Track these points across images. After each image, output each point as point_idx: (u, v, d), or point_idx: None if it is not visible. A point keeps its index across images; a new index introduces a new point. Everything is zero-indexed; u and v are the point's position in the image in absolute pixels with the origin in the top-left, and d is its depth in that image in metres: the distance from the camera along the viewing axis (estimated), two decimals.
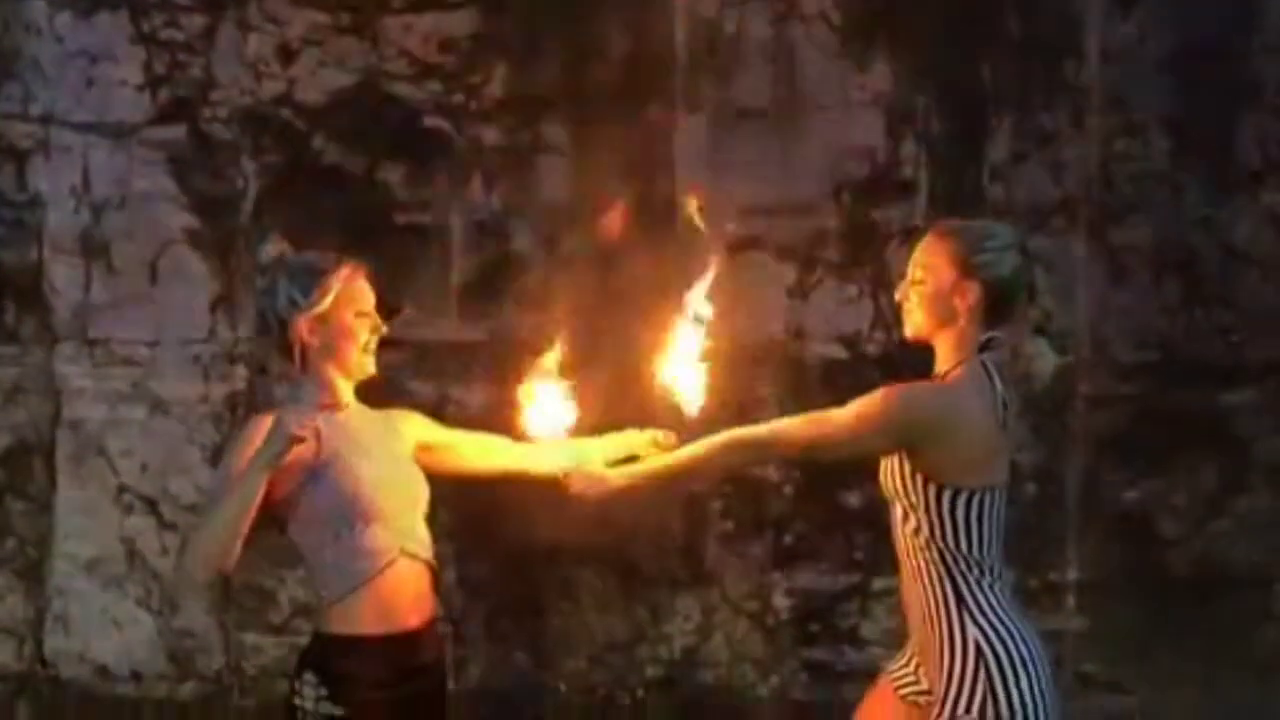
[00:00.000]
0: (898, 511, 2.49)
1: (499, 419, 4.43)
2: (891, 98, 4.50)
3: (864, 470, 4.41)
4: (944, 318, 2.48)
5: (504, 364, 4.58)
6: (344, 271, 2.51)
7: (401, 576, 2.45)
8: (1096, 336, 4.49)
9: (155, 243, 4.57)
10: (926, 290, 2.49)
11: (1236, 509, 4.46)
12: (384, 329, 2.61)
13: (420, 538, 2.53)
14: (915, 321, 2.54)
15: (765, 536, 4.49)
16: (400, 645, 2.43)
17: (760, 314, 4.55)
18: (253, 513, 2.32)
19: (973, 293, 2.44)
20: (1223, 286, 4.45)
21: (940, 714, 2.35)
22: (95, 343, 4.60)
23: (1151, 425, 4.45)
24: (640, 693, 4.47)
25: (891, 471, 2.48)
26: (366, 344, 2.55)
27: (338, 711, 2.36)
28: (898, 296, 2.59)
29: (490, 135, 4.58)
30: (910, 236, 4.48)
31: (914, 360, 4.42)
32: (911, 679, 2.55)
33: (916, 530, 2.42)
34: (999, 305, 2.47)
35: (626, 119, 4.53)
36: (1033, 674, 2.33)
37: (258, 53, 4.56)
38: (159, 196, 4.56)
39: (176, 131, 4.56)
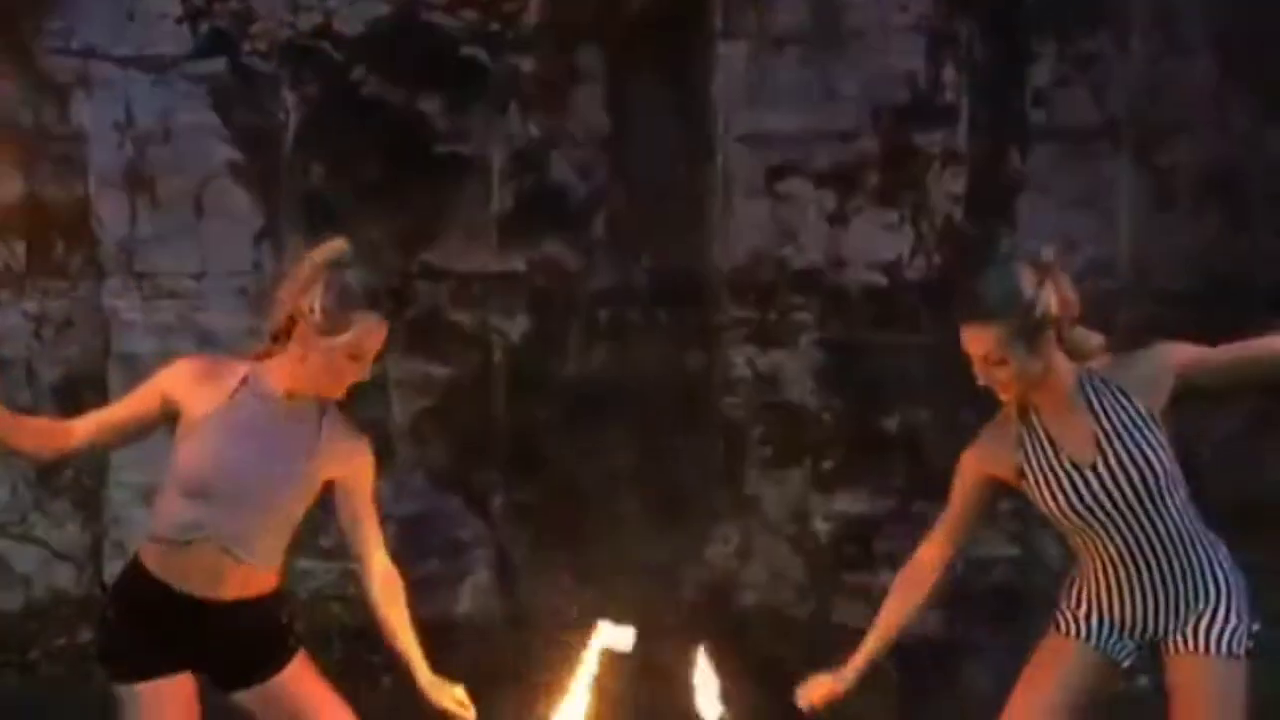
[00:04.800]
0: (1161, 486, 2.48)
1: (542, 350, 4.61)
2: (932, 22, 4.46)
3: (901, 396, 4.55)
4: (1044, 370, 2.49)
5: (544, 293, 4.69)
6: (370, 325, 2.49)
7: (201, 558, 2.50)
8: (1138, 263, 4.47)
9: (199, 176, 4.61)
10: (1014, 370, 2.48)
11: (1276, 437, 4.47)
12: (365, 377, 2.57)
13: (246, 542, 2.51)
14: (1021, 390, 2.53)
15: (804, 462, 4.55)
16: (177, 598, 2.51)
17: (800, 241, 4.57)
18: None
19: (1050, 339, 2.46)
20: (1270, 210, 4.41)
21: (1213, 639, 2.45)
22: (142, 276, 4.67)
23: None
24: (682, 615, 4.55)
25: (1156, 449, 2.47)
26: (341, 386, 2.55)
27: (109, 612, 2.60)
28: (982, 383, 2.56)
29: (527, 64, 4.58)
30: (951, 162, 4.52)
31: (955, 287, 4.47)
32: (1122, 644, 2.59)
33: (1174, 489, 2.49)
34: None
35: (664, 47, 4.52)
36: None
37: None
38: (201, 130, 4.60)
39: (217, 65, 4.59)
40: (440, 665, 4.11)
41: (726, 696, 2.81)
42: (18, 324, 4.66)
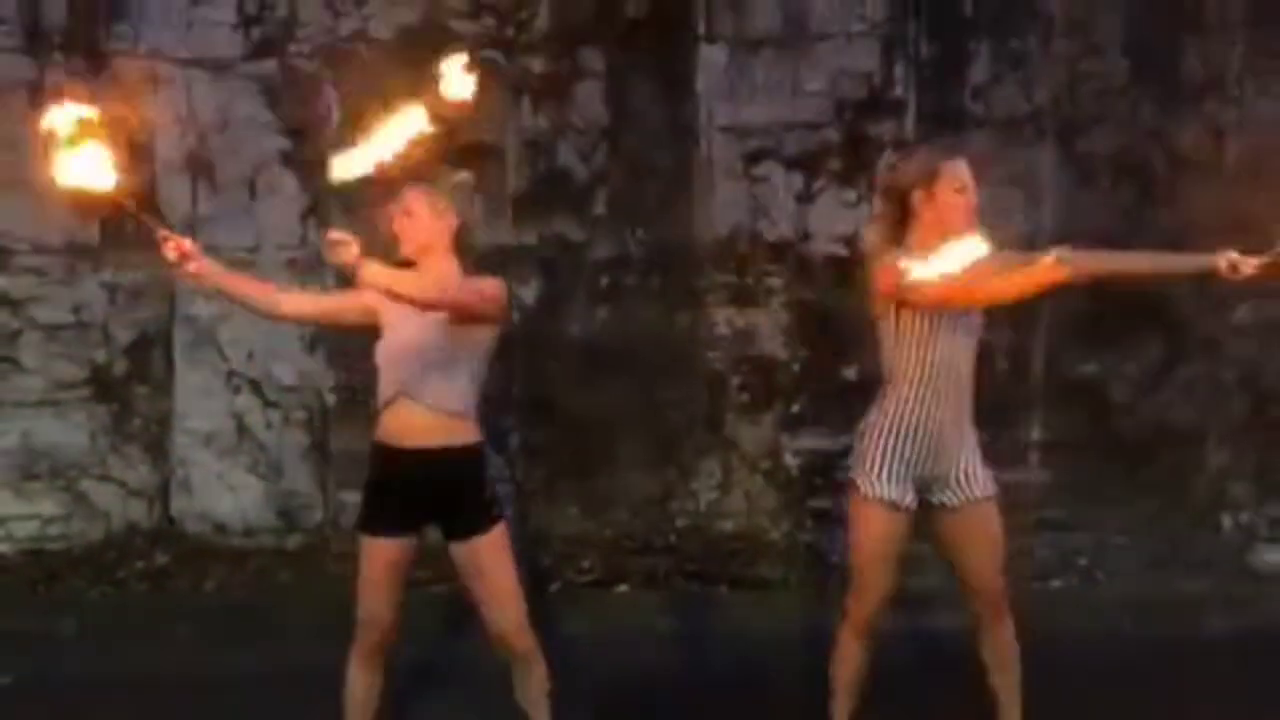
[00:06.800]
0: (972, 335, 3.07)
1: (551, 311, 5.28)
2: (886, 27, 5.18)
3: (859, 349, 5.24)
4: None
5: (553, 263, 5.37)
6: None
7: (395, 414, 3.07)
8: (1061, 233, 5.15)
9: (253, 163, 5.27)
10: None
11: (1177, 378, 5.22)
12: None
13: (426, 390, 3.03)
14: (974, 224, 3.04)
15: (776, 406, 5.29)
16: (392, 454, 3.08)
17: (773, 217, 5.28)
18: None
19: None
20: (1171, 190, 5.13)
21: (982, 484, 3.10)
22: (204, 249, 5.25)
23: (1106, 309, 5.18)
24: (673, 538, 5.27)
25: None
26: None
27: (368, 480, 3.17)
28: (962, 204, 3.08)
29: (536, 64, 5.26)
30: (900, 148, 5.22)
31: None
32: (912, 497, 3.13)
33: (975, 347, 3.09)
34: None
35: (655, 48, 5.22)
36: None
37: None
38: (254, 122, 5.25)
39: (268, 66, 5.24)
40: None
41: None
42: (96, 292, 5.32)
